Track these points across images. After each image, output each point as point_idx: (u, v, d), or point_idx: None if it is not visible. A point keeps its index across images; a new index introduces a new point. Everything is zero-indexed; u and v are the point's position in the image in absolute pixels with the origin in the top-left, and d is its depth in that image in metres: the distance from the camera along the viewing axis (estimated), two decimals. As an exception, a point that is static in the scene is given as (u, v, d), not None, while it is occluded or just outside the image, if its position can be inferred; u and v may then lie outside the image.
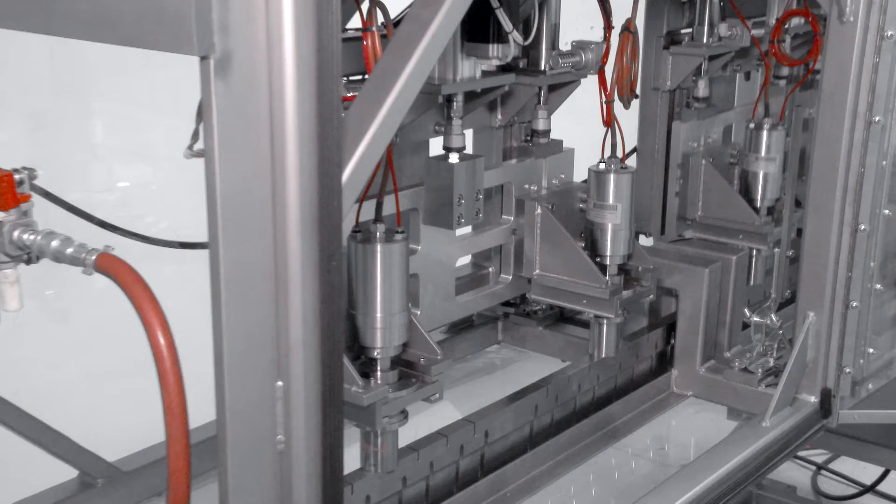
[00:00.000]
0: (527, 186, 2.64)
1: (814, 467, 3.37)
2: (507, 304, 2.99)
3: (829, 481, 3.32)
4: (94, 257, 1.46)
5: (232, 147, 1.31)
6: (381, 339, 1.95)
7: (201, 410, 1.56)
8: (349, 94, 1.83)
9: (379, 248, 1.92)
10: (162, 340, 1.37)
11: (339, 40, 1.33)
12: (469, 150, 2.58)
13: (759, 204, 2.96)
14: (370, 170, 1.51)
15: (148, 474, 2.25)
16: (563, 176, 2.71)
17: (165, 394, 1.36)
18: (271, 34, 1.29)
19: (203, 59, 1.26)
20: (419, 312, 2.42)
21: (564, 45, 2.58)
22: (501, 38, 2.19)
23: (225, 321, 1.35)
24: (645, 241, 3.11)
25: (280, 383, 1.42)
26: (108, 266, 1.43)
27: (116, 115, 5.43)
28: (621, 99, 2.62)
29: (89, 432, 2.28)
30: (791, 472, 3.28)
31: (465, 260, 2.78)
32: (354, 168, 1.48)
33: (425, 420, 2.45)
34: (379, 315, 1.93)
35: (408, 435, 2.23)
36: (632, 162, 3.06)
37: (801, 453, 3.25)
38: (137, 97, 5.33)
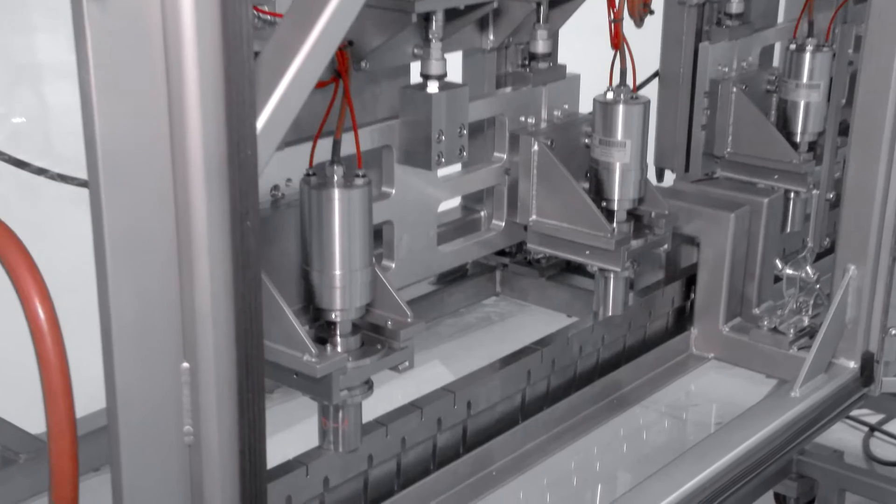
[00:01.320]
0: (523, 119, 2.56)
1: (866, 428, 3.28)
2: (503, 253, 2.96)
3: (883, 444, 3.24)
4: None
5: (114, 82, 1.23)
6: (341, 300, 1.88)
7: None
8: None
9: (336, 193, 1.84)
10: (41, 314, 1.28)
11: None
12: (458, 77, 2.48)
13: (798, 139, 2.89)
14: (294, 111, 1.42)
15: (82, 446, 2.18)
16: (566, 107, 2.63)
17: (46, 379, 1.29)
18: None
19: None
20: (394, 265, 2.36)
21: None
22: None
23: (112, 291, 1.29)
24: (670, 176, 3.05)
25: (186, 365, 1.38)
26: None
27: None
28: (632, 16, 2.51)
29: (10, 403, 2.23)
30: (840, 434, 3.22)
31: (454, 204, 2.73)
32: (276, 109, 1.39)
33: (413, 384, 2.42)
34: (337, 272, 1.87)
35: (387, 405, 2.21)
36: (652, 89, 2.97)
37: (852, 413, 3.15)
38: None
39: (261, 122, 1.36)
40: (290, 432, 2.39)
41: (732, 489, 2.27)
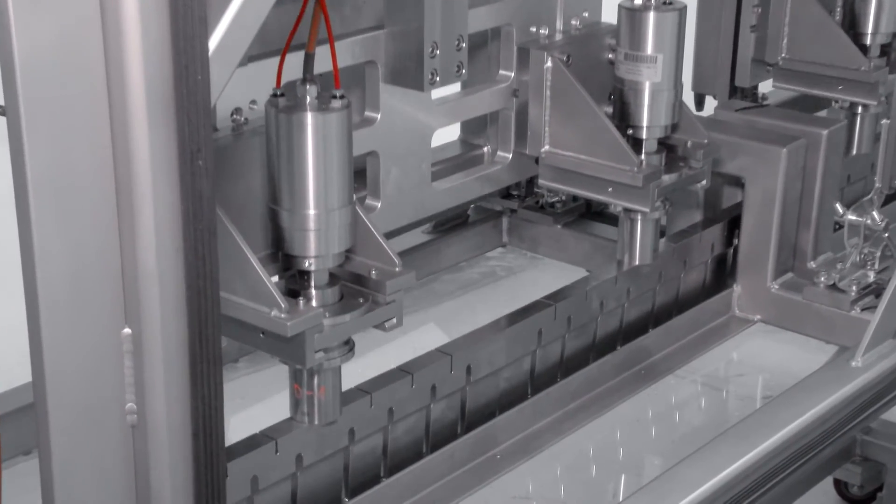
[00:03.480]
0: (533, 30, 2.57)
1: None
2: (509, 194, 2.97)
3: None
4: None
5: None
6: (315, 246, 1.90)
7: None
8: None
9: (309, 118, 1.84)
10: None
11: None
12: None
13: (868, 41, 2.90)
14: (255, 24, 1.41)
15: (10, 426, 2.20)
16: (585, 15, 2.63)
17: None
18: None
19: None
20: (379, 205, 2.38)
21: None
22: None
23: (37, 244, 1.31)
24: (711, 105, 3.04)
25: (127, 331, 1.39)
26: None
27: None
28: None
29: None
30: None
31: (451, 133, 2.72)
32: (232, 23, 1.39)
33: (405, 351, 2.44)
34: (311, 212, 1.87)
35: (370, 372, 2.22)
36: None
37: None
38: None
39: (214, 41, 1.36)
40: (259, 409, 2.41)
41: (782, 475, 2.28)
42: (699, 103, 3.10)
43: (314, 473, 2.12)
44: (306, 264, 1.91)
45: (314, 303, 1.92)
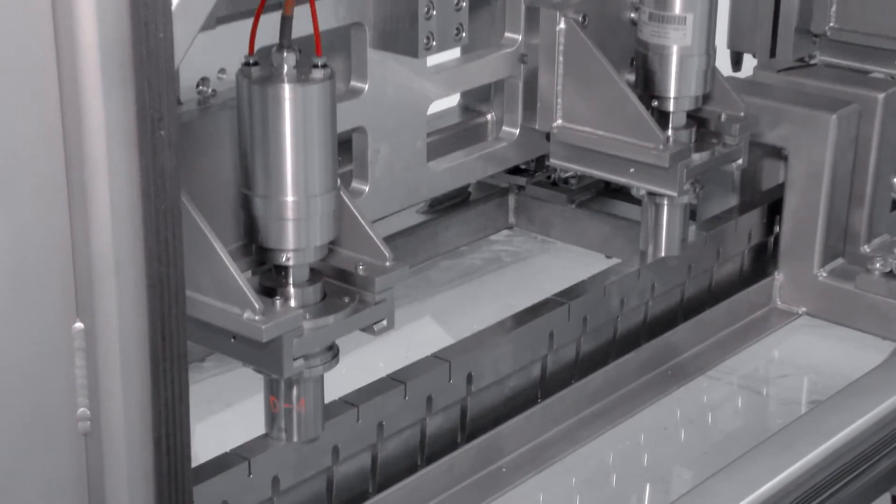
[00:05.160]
0: None
1: None
2: (517, 169, 2.97)
3: None
4: None
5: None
6: (294, 237, 1.91)
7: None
8: None
9: (286, 90, 1.85)
10: None
11: None
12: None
13: None
14: None
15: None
16: None
17: None
18: None
19: None
20: (367, 189, 2.39)
21: None
22: None
23: None
24: (749, 64, 3.06)
25: (79, 325, 1.39)
26: None
27: None
28: None
29: None
30: None
31: (448, 104, 2.73)
32: None
33: (397, 351, 2.45)
34: (289, 199, 1.89)
35: (361, 381, 2.22)
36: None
37: None
38: None
39: (178, -7, 1.37)
40: (229, 415, 2.42)
41: (831, 491, 2.28)
42: (736, 62, 3.11)
43: (292, 498, 2.12)
44: (284, 258, 1.92)
45: (293, 303, 1.93)
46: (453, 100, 2.74)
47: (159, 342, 1.41)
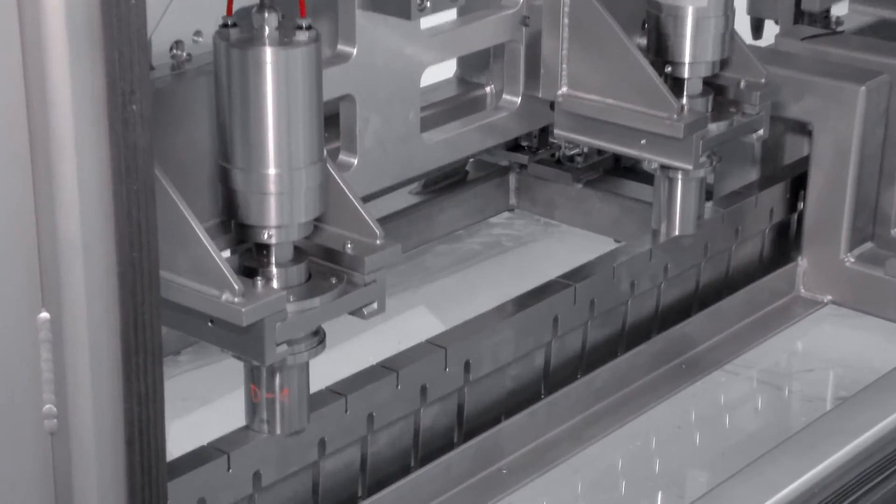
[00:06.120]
0: None
1: None
2: (518, 146, 2.98)
3: None
4: None
5: None
6: (277, 213, 1.92)
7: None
8: None
9: (268, 53, 1.85)
10: None
11: None
12: None
13: None
14: None
15: None
16: None
17: None
18: None
19: None
20: (356, 162, 2.40)
21: None
22: None
23: None
24: (771, 31, 3.08)
25: (45, 315, 1.40)
26: None
27: None
28: None
29: None
30: None
31: (444, 72, 2.73)
32: None
33: (390, 340, 2.46)
34: (271, 171, 1.89)
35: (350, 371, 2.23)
36: None
37: None
38: None
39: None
40: (205, 413, 2.43)
41: (858, 494, 2.29)
42: (756, 29, 3.14)
43: (276, 495, 2.13)
44: (265, 236, 1.93)
45: (275, 284, 1.94)
46: (449, 70, 2.75)
47: (131, 333, 1.42)
